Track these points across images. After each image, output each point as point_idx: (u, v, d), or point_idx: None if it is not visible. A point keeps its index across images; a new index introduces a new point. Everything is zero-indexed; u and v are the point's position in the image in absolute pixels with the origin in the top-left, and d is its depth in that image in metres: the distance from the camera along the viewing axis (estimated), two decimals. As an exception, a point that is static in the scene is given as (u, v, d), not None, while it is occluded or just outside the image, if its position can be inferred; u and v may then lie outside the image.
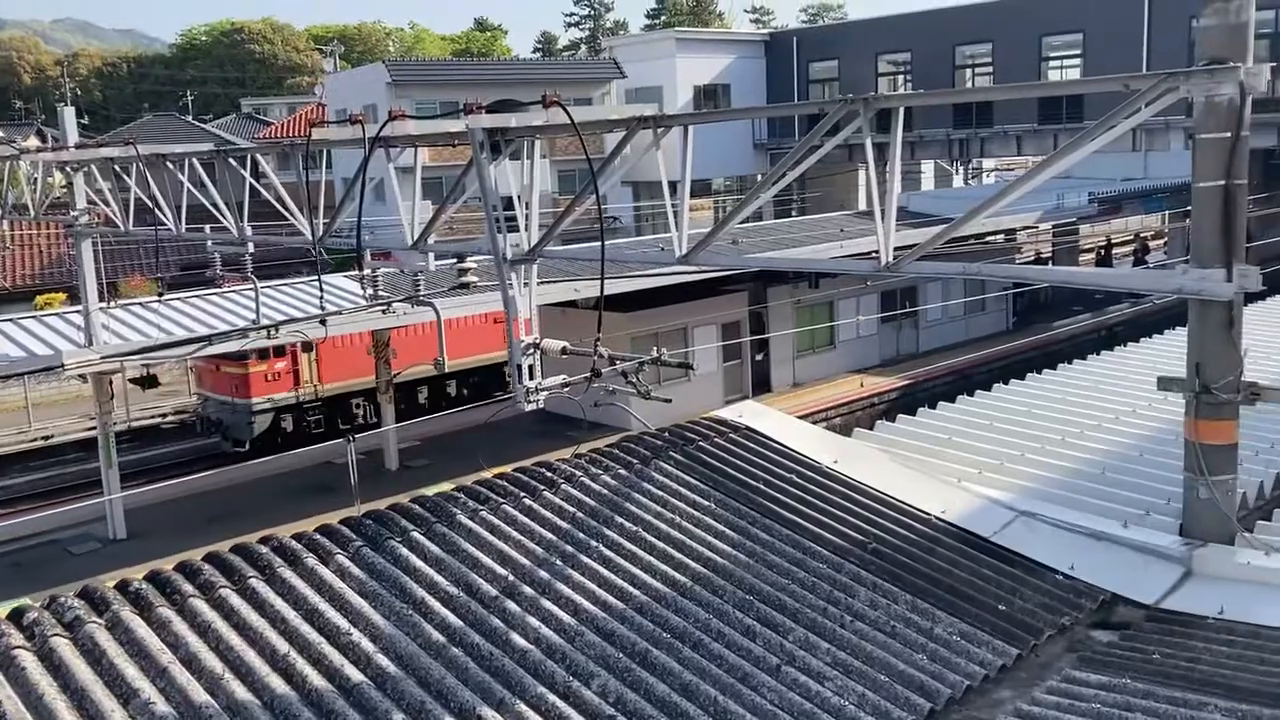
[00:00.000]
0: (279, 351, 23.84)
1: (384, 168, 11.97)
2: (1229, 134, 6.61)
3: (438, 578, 6.22)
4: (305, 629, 5.58)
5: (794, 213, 43.01)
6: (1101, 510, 7.84)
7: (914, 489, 8.13)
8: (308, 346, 23.56)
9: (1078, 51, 36.72)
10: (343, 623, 5.67)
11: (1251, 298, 14.58)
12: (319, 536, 6.55)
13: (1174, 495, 7.72)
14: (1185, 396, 7.14)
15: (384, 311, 18.13)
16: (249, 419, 24.41)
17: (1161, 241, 45.11)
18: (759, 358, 28.51)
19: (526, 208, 10.39)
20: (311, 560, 6.24)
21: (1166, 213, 36.91)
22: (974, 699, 5.66)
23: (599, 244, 9.66)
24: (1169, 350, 12.34)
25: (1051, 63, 37.56)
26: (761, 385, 28.26)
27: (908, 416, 10.83)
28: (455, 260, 15.41)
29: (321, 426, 25.23)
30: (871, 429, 10.59)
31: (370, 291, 15.92)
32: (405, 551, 6.46)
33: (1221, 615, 6.42)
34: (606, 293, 20.14)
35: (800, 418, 16.73)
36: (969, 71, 39.86)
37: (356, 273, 14.80)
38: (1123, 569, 7.03)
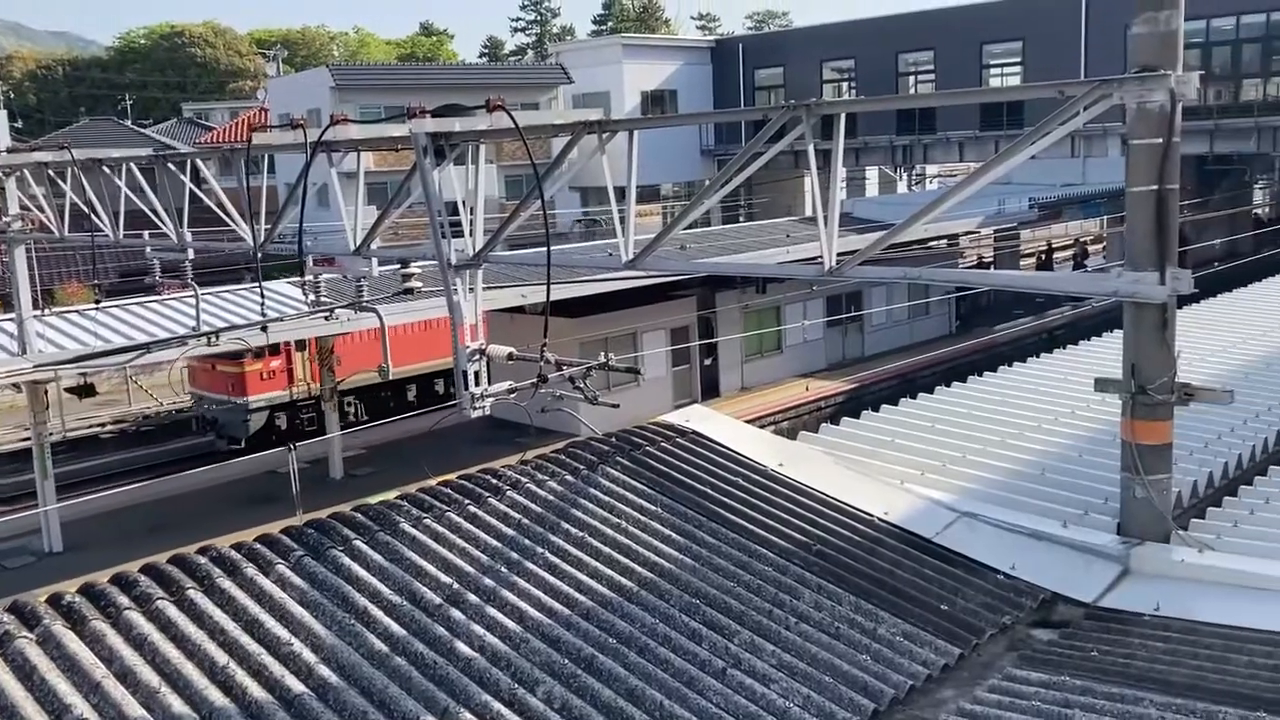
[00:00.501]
0: (274, 350, 24.06)
1: (326, 173, 11.85)
2: (1161, 140, 6.75)
3: (381, 586, 6.16)
4: (245, 640, 5.49)
5: (741, 218, 43.27)
6: (1041, 510, 7.95)
7: (858, 491, 8.20)
8: (301, 345, 23.66)
9: (1018, 59, 37.41)
10: (283, 633, 5.58)
11: (1186, 300, 14.90)
12: (259, 546, 6.45)
13: (1112, 495, 7.85)
14: (1121, 397, 7.28)
15: (327, 318, 17.93)
16: (244, 417, 24.51)
17: (1100, 246, 46.01)
18: (707, 362, 28.64)
19: (471, 213, 10.34)
20: (251, 570, 6.15)
21: (1105, 217, 37.67)
22: (917, 699, 5.72)
23: (545, 249, 9.63)
24: (1107, 352, 12.56)
25: (992, 70, 38.21)
26: (710, 389, 28.39)
27: (852, 419, 10.91)
28: (399, 266, 15.31)
29: (314, 424, 25.43)
30: (817, 432, 10.65)
31: (312, 298, 15.73)
32: (348, 560, 6.39)
33: (1157, 612, 6.54)
34: (554, 298, 20.12)
35: (748, 421, 16.79)
36: (912, 78, 40.42)
37: (299, 279, 14.63)
38: (1062, 568, 7.14)
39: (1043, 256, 43.02)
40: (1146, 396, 7.07)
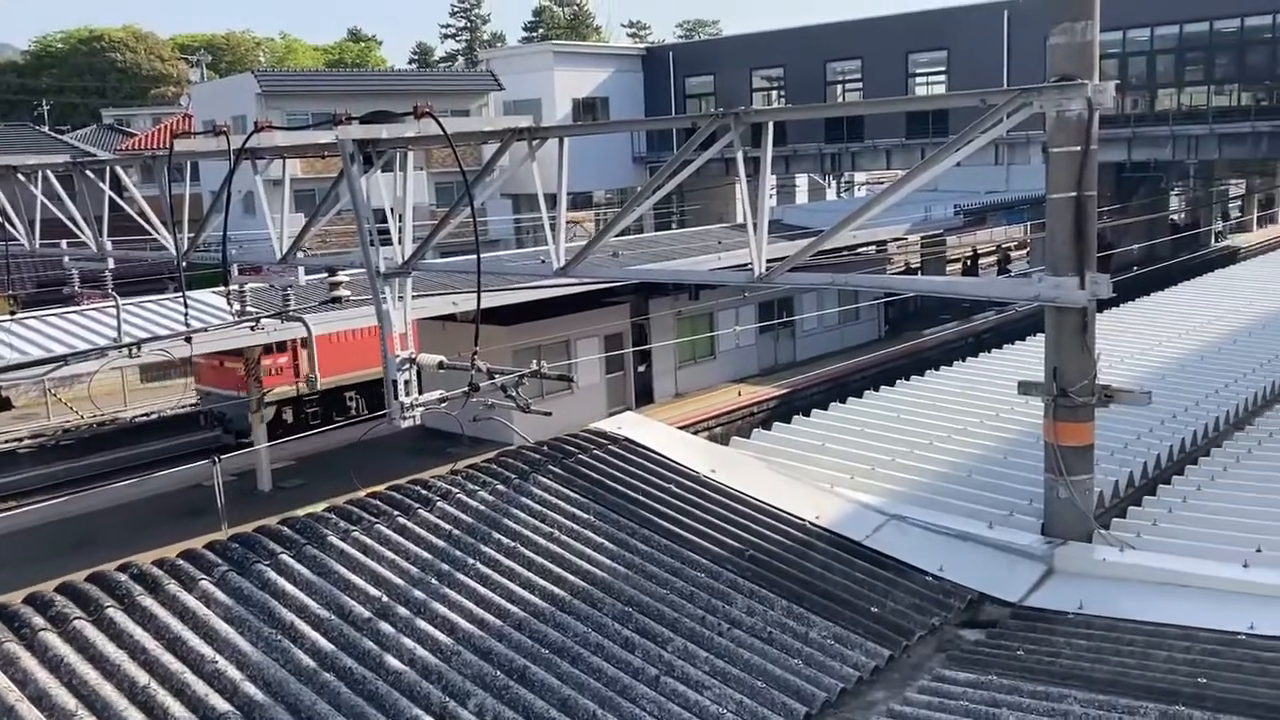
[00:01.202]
0: (280, 347, 24.42)
1: (252, 180, 11.66)
2: (1079, 147, 6.91)
3: (308, 601, 6.05)
4: (167, 659, 5.36)
5: (674, 225, 43.45)
6: (968, 512, 8.08)
7: (789, 495, 8.25)
8: (305, 341, 23.77)
9: (942, 68, 38.09)
10: (207, 651, 5.45)
11: (1106, 304, 15.23)
12: (182, 562, 6.30)
13: (1036, 496, 7.99)
14: (1044, 400, 7.43)
15: (252, 328, 17.62)
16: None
17: (1024, 251, 46.97)
18: (641, 369, 28.67)
19: (400, 220, 10.24)
20: (173, 587, 6.00)
21: (1028, 223, 38.46)
22: (848, 701, 5.76)
23: (475, 256, 9.56)
24: (1030, 356, 12.80)
25: (918, 79, 38.85)
26: (644, 396, 28.41)
27: (783, 424, 10.99)
28: (327, 274, 15.10)
29: (318, 418, 26.10)
30: (750, 437, 10.71)
31: (238, 307, 15.43)
32: (274, 575, 6.26)
33: (1081, 610, 6.68)
34: (486, 306, 19.94)
35: (682, 428, 16.82)
36: (840, 87, 40.93)
37: (223, 288, 14.36)
38: (989, 569, 7.26)
39: (968, 262, 43.82)
40: (1068, 399, 7.23)
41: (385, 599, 6.16)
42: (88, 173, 13.75)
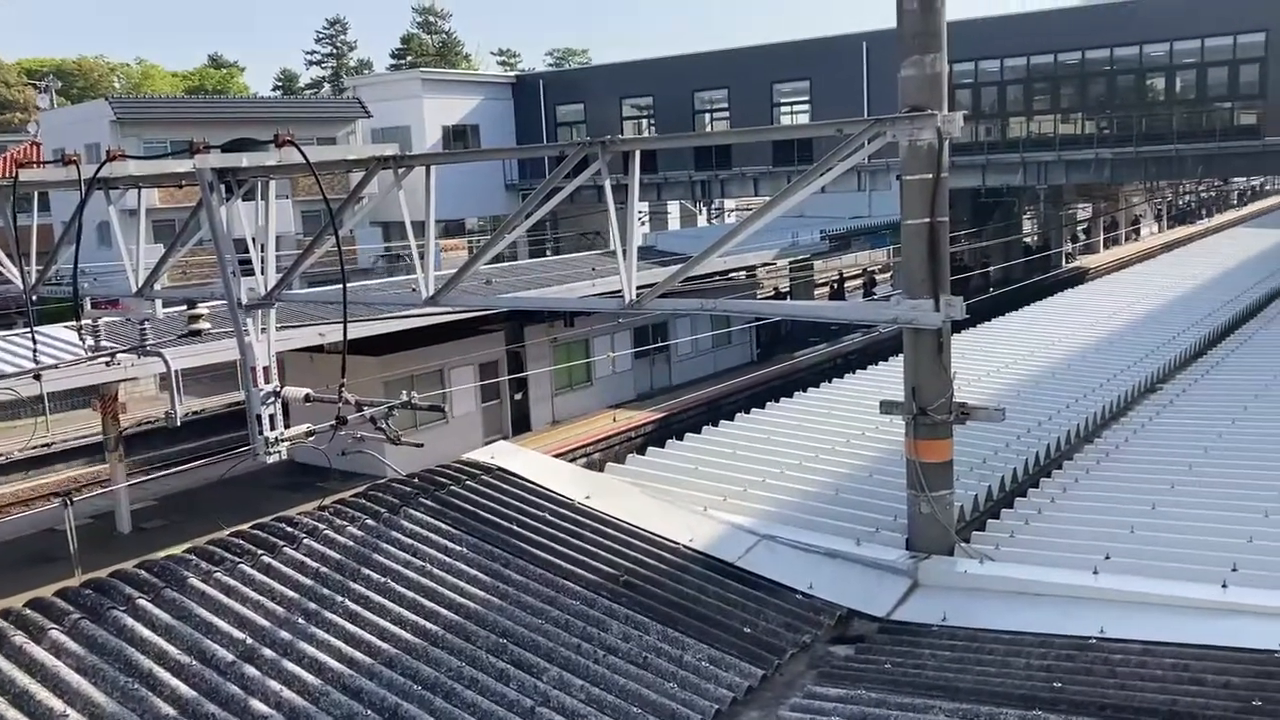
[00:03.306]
0: None
1: (105, 210, 11.23)
2: (931, 175, 7.19)
3: (167, 646, 5.81)
4: (12, 715, 5.07)
5: (548, 252, 43.46)
6: (836, 530, 8.27)
7: (663, 519, 8.31)
8: None
9: (806, 98, 39.12)
10: (57, 704, 5.19)
11: (965, 324, 15.81)
12: (29, 612, 5.99)
13: (900, 512, 8.23)
14: (905, 418, 7.67)
15: (107, 364, 16.89)
16: None
17: (888, 275, 48.47)
18: (518, 397, 28.51)
19: (262, 250, 9.99)
20: (20, 638, 5.69)
21: (891, 247, 39.73)
22: (723, 722, 5.82)
23: (341, 286, 9.39)
24: (893, 376, 13.19)
25: (782, 108, 39.80)
26: (521, 424, 28.24)
27: (658, 449, 11.08)
28: (186, 306, 14.59)
29: None
30: (625, 463, 10.75)
31: (91, 342, 14.79)
32: (131, 621, 6.00)
33: (944, 622, 6.89)
34: (355, 336, 19.62)
35: (559, 455, 16.78)
36: (708, 115, 41.64)
37: (74, 323, 13.72)
38: (857, 584, 7.44)
39: (835, 286, 44.96)
40: (927, 417, 7.48)
41: (250, 641, 5.96)
42: (-76, 203, 13.00)
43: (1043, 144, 35.08)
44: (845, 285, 44.91)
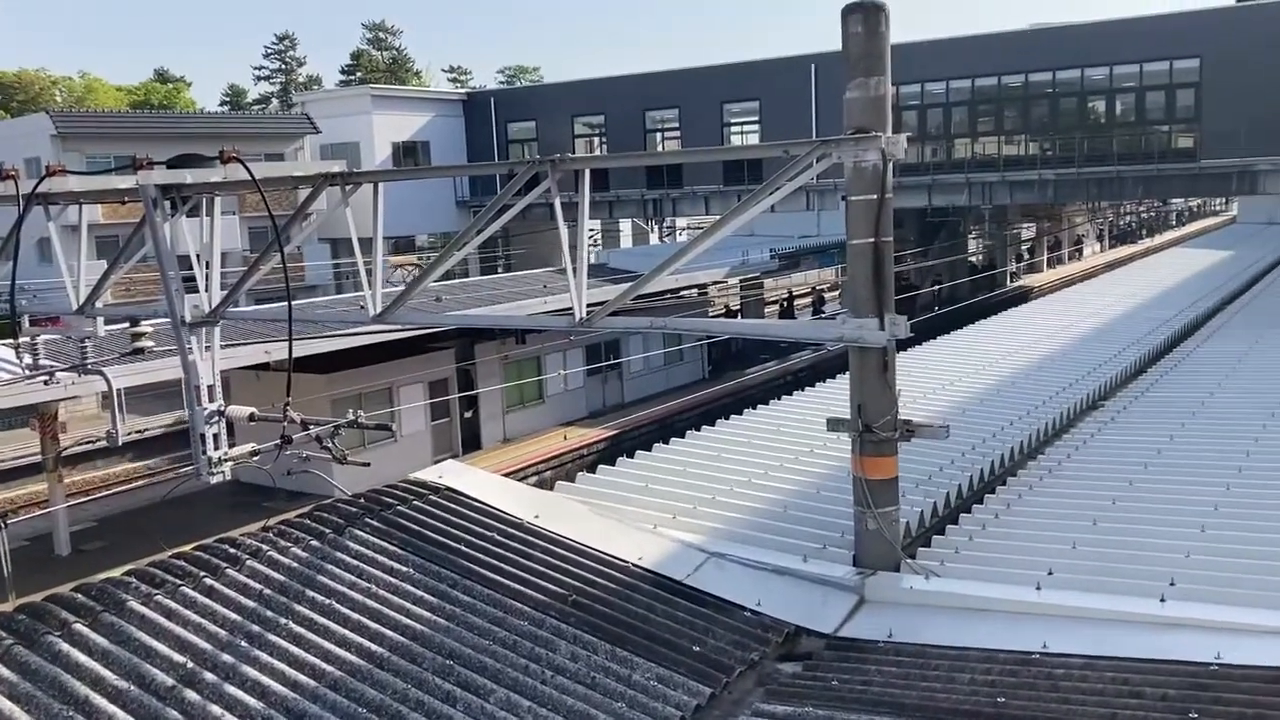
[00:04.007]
0: None
1: (45, 226, 11.04)
2: (875, 196, 7.28)
3: (104, 672, 5.69)
4: (-59, 745, 4.94)
5: (500, 269, 43.36)
6: (784, 546, 8.30)
7: (613, 538, 8.30)
8: None
9: (755, 118, 39.48)
10: (-12, 733, 5.06)
11: (911, 342, 15.96)
12: (-41, 639, 5.83)
13: (847, 528, 8.29)
14: (850, 435, 7.74)
15: (46, 382, 16.56)
16: None
17: (837, 293, 48.95)
18: (468, 415, 28.35)
19: (207, 267, 9.88)
20: (-50, 666, 5.54)
21: (839, 266, 40.14)
22: (671, 741, 5.80)
23: (286, 304, 9.31)
24: (841, 393, 13.30)
25: (733, 127, 40.14)
26: (472, 443, 28.09)
27: (608, 466, 11.07)
28: (129, 324, 14.36)
29: None
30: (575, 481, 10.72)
31: (29, 360, 14.50)
32: (66, 646, 5.87)
33: (890, 638, 6.94)
34: (302, 354, 19.40)
35: (509, 474, 16.69)
36: (659, 134, 41.87)
37: (12, 340, 13.44)
38: (804, 601, 7.47)
39: (784, 304, 45.33)
40: (872, 434, 7.55)
41: (190, 665, 5.85)
42: None
43: (987, 165, 35.70)
44: (795, 303, 45.29)
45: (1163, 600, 6.95)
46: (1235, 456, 10.81)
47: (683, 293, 33.03)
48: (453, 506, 8.52)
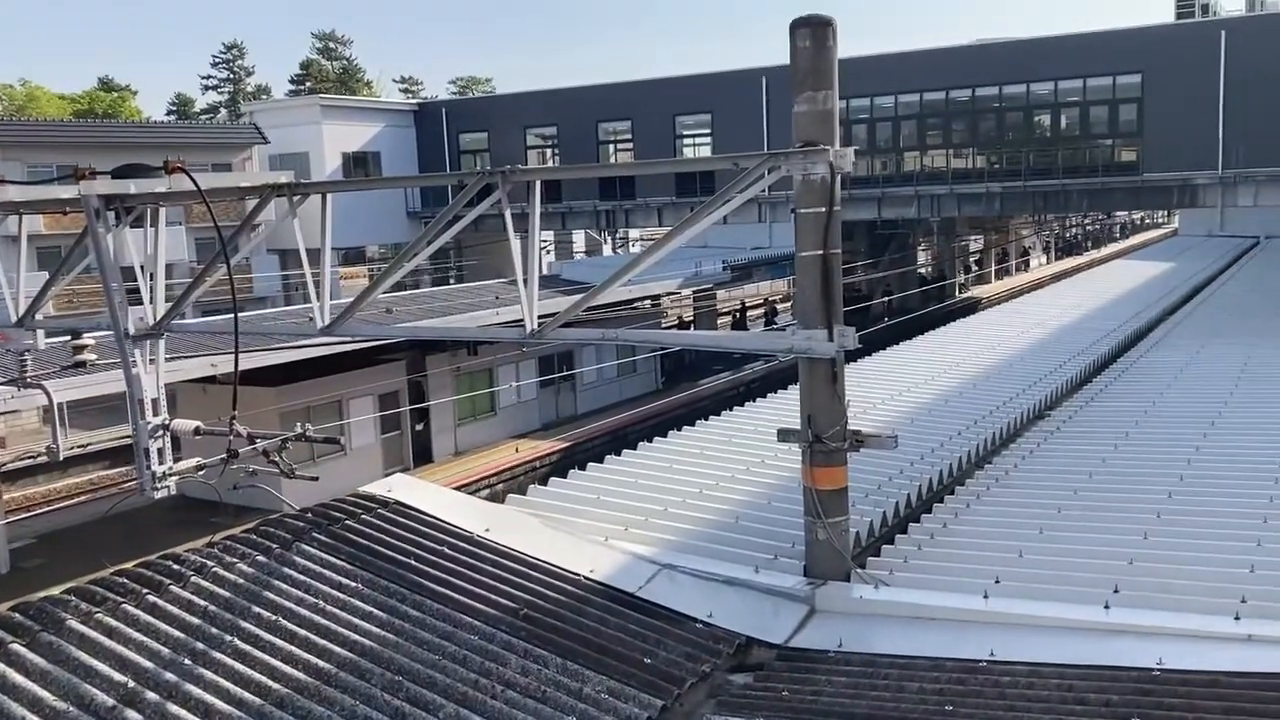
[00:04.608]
0: None
1: (-18, 237, 10.83)
2: (824, 208, 7.34)
3: (42, 693, 5.56)
4: None
5: (452, 281, 43.12)
6: (736, 557, 8.32)
7: (564, 551, 8.27)
8: None
9: (707, 130, 39.67)
10: (-80, 758, 4.93)
11: (861, 353, 16.05)
12: (-109, 660, 5.68)
13: (798, 539, 8.32)
14: (800, 446, 7.78)
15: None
16: None
17: (789, 305, 49.26)
18: (419, 427, 28.12)
19: (152, 279, 9.72)
20: (-120, 689, 5.39)
21: (791, 278, 40.40)
22: (623, 755, 5.78)
23: (233, 316, 9.19)
24: (791, 404, 13.38)
25: (685, 140, 40.29)
26: (423, 455, 27.84)
27: (560, 479, 11.03)
28: (70, 337, 14.09)
29: None
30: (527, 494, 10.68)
31: (-34, 374, 14.19)
32: (2, 667, 5.73)
33: (840, 648, 6.97)
34: (249, 366, 19.13)
35: (461, 487, 16.57)
36: (611, 146, 41.91)
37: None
38: (755, 612, 7.49)
39: (737, 315, 45.52)
40: (822, 444, 7.60)
41: (132, 684, 5.74)
42: None
43: (936, 178, 36.16)
44: (748, 314, 45.49)
45: (1107, 607, 7.05)
46: (1177, 464, 11.02)
47: (636, 304, 33.06)
48: (402, 520, 8.45)
